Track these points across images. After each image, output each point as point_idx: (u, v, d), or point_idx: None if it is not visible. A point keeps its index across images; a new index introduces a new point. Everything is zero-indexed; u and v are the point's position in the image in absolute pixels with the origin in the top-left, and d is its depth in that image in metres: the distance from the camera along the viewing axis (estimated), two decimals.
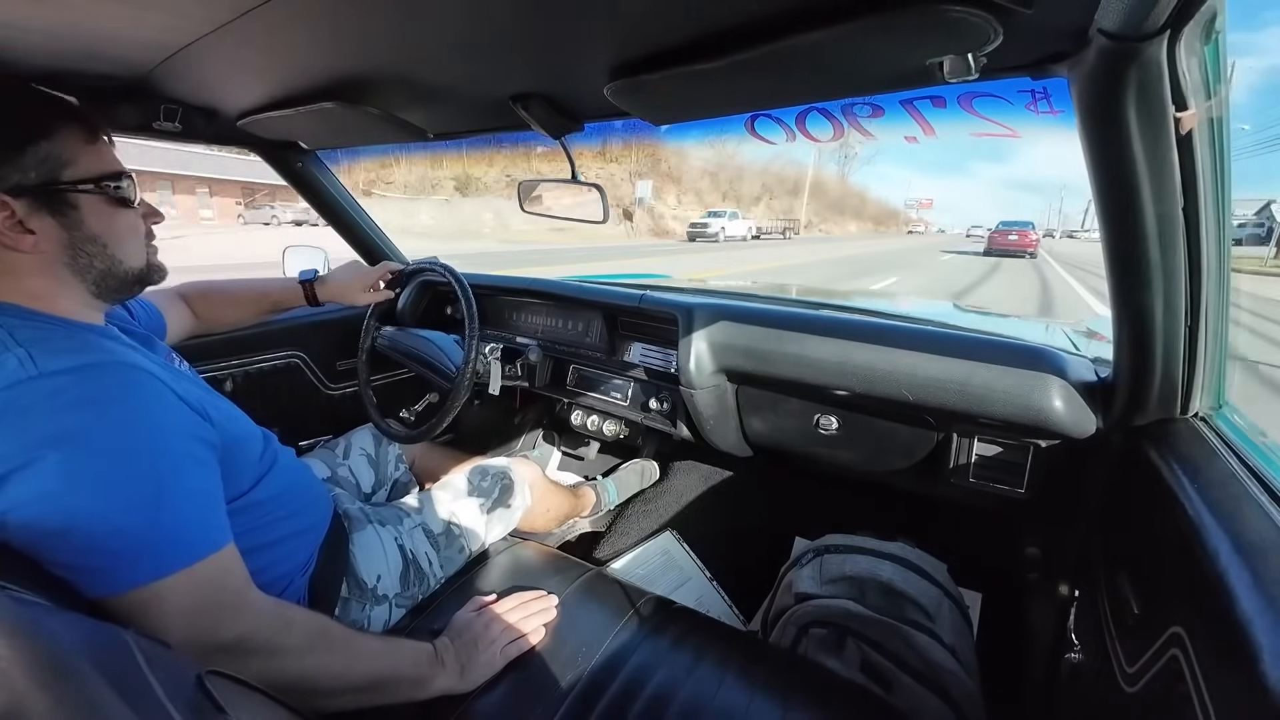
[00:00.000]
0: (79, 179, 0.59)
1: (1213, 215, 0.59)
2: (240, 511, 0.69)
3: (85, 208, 0.60)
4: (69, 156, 0.59)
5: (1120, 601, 0.63)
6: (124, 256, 0.64)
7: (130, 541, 0.52)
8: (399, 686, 0.67)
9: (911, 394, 0.98)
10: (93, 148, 0.61)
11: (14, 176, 0.55)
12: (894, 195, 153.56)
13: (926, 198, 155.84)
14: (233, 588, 0.59)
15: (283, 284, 1.16)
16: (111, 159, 0.64)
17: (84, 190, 0.59)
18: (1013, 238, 20.96)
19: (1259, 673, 0.38)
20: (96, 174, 0.61)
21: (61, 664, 0.28)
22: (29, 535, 0.49)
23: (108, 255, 0.63)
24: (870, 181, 73.70)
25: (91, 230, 0.61)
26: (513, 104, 0.85)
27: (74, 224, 0.59)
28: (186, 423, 0.60)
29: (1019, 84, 0.61)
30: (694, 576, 1.36)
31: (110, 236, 0.62)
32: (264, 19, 0.62)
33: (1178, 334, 0.66)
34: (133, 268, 0.66)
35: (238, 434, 0.70)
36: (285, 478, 0.79)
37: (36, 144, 0.56)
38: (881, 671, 0.90)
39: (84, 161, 0.60)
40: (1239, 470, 0.58)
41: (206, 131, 1.11)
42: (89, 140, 0.61)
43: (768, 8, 0.52)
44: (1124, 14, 0.44)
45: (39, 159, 0.56)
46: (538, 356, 1.43)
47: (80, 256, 0.61)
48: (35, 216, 0.57)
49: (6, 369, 0.51)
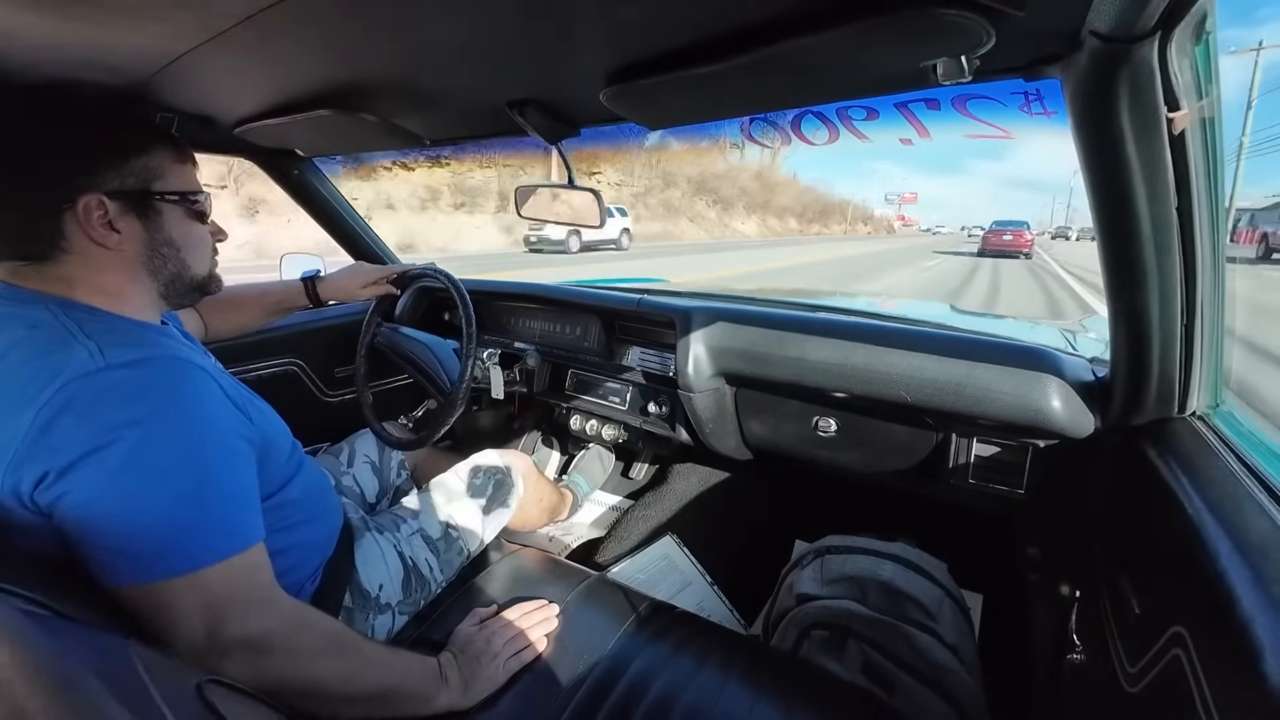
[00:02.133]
0: (166, 190, 0.67)
1: (1206, 215, 0.59)
2: (271, 511, 0.70)
3: (167, 215, 0.68)
4: (161, 171, 0.67)
5: (1121, 601, 0.63)
6: (193, 263, 0.72)
7: (175, 531, 0.55)
8: (403, 700, 0.68)
9: (910, 395, 0.98)
10: (181, 167, 0.70)
11: (114, 181, 0.63)
12: (846, 185, 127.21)
13: (910, 191, 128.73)
14: (262, 583, 0.61)
15: (284, 284, 1.18)
16: (194, 179, 0.72)
17: (169, 200, 0.68)
18: (1007, 238, 20.58)
19: (1261, 671, 0.38)
20: (181, 189, 0.69)
21: (62, 673, 0.28)
22: (81, 518, 0.52)
23: (180, 259, 0.70)
24: (806, 169, 50.24)
25: (169, 235, 0.68)
26: (509, 110, 0.86)
27: (156, 228, 0.67)
28: (232, 419, 0.64)
29: (1012, 85, 0.61)
30: (695, 581, 1.36)
31: (185, 243, 0.70)
32: (260, 27, 0.62)
33: (1174, 333, 0.66)
34: (198, 274, 0.73)
35: (272, 433, 0.73)
36: (309, 482, 0.81)
37: (137, 156, 0.65)
38: (883, 673, 0.90)
39: (172, 177, 0.68)
40: (1237, 469, 0.59)
41: (203, 140, 1.11)
42: (179, 160, 0.70)
43: (762, 12, 0.53)
44: (1115, 16, 0.44)
45: (136, 169, 0.65)
46: (536, 361, 1.43)
47: (156, 258, 0.68)
48: (124, 218, 0.64)
49: (77, 360, 0.55)
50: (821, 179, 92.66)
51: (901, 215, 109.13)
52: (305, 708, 0.59)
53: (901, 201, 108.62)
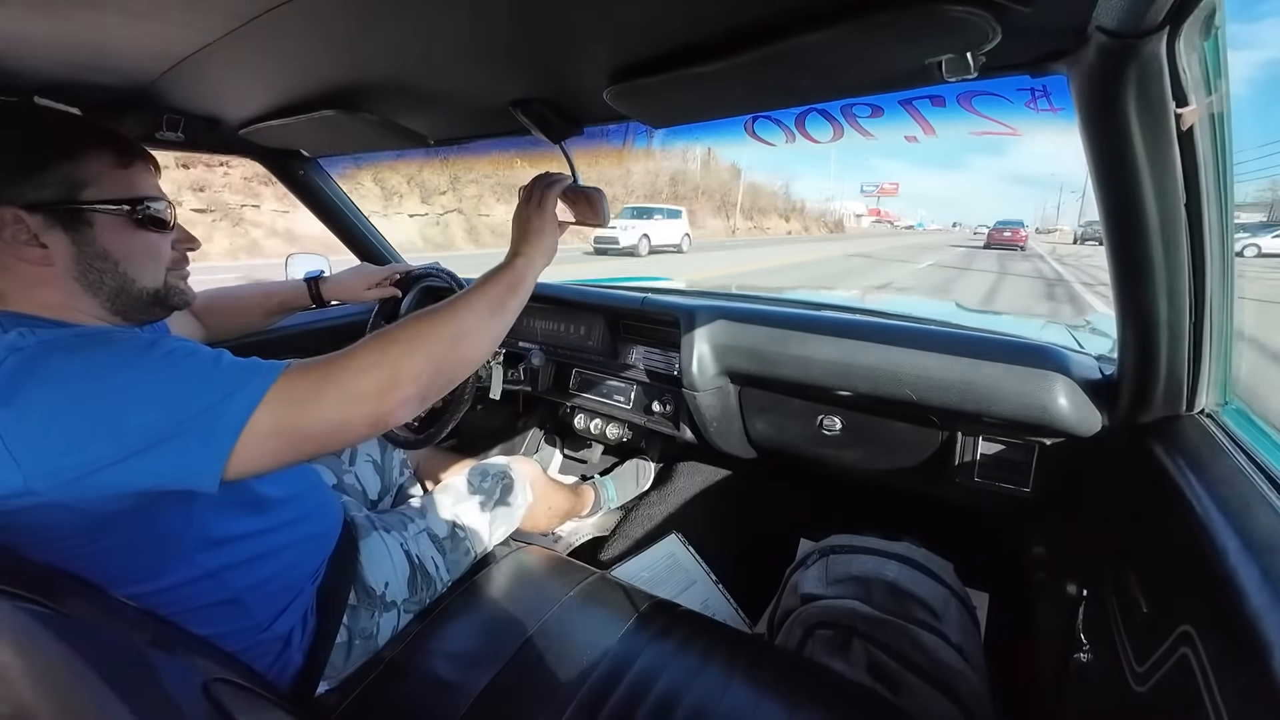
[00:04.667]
0: (98, 200, 0.61)
1: (1215, 211, 0.58)
2: (254, 511, 0.69)
3: (100, 227, 0.62)
4: (92, 178, 0.61)
5: (1129, 600, 0.63)
6: (137, 276, 0.65)
7: (201, 398, 0.51)
8: (508, 292, 0.71)
9: (915, 394, 0.97)
10: (123, 172, 0.63)
11: (30, 193, 0.58)
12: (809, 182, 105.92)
13: (890, 182, 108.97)
14: (324, 363, 0.57)
15: (288, 285, 1.17)
16: (144, 184, 0.66)
17: (101, 210, 0.61)
18: (1007, 234, 26.64)
19: (1271, 670, 0.37)
20: (120, 196, 0.63)
21: (68, 672, 0.29)
22: (132, 452, 0.49)
23: (119, 273, 0.64)
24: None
25: (103, 248, 0.62)
26: (513, 109, 0.86)
27: (86, 241, 0.61)
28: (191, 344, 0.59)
29: (1018, 82, 0.61)
30: (699, 579, 1.36)
31: (123, 255, 0.63)
32: (266, 28, 0.62)
33: (1182, 330, 0.66)
34: (147, 288, 0.66)
35: None
36: (298, 481, 0.80)
37: (59, 165, 0.59)
38: (888, 672, 0.90)
39: (109, 184, 0.62)
40: (1246, 467, 0.58)
41: (209, 141, 1.12)
42: (120, 165, 0.63)
43: (767, 10, 0.52)
44: (1123, 11, 0.44)
45: (58, 179, 0.59)
46: (540, 361, 1.43)
47: (90, 272, 0.62)
48: (49, 232, 0.59)
49: (6, 340, 0.51)
50: (782, 174, 74.38)
51: (876, 209, 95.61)
52: (473, 351, 0.66)
53: (880, 193, 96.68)
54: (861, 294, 4.37)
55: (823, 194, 54.74)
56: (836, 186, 54.99)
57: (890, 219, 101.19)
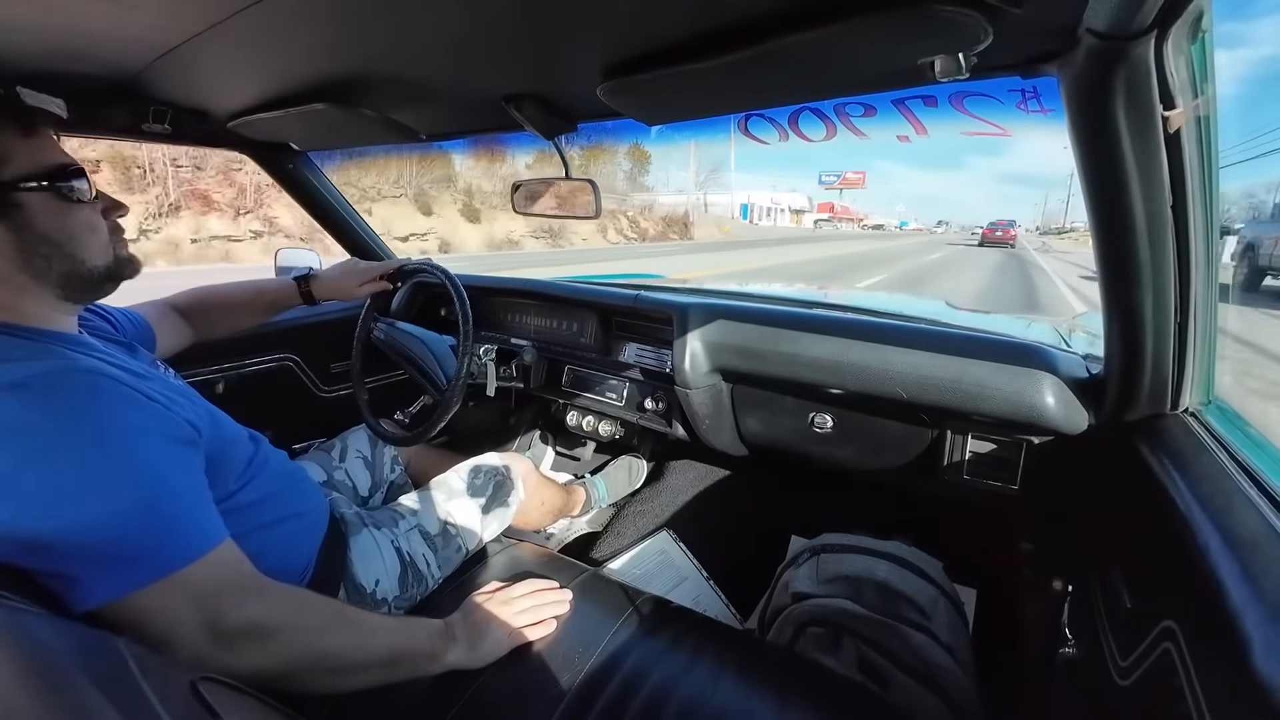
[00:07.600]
0: (18, 177, 0.55)
1: (1201, 212, 0.59)
2: (228, 514, 0.68)
3: (31, 208, 0.56)
4: (5, 154, 0.55)
5: (1113, 596, 0.64)
6: (85, 255, 0.61)
7: (124, 547, 0.52)
8: (414, 661, 0.69)
9: (905, 392, 0.98)
10: (31, 141, 0.57)
11: None
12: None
13: (855, 171, 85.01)
14: (248, 570, 0.60)
15: (278, 283, 1.15)
16: (54, 152, 0.60)
17: (26, 189, 0.56)
18: (999, 233, 28.93)
19: (1250, 665, 0.38)
20: (38, 170, 0.57)
21: (52, 672, 0.28)
22: (13, 549, 0.48)
23: (66, 255, 0.59)
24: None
25: (42, 230, 0.57)
26: (505, 104, 0.85)
27: (21, 225, 0.56)
28: (161, 423, 0.58)
29: (1009, 83, 0.61)
30: (691, 576, 1.37)
31: (65, 235, 0.59)
32: (255, 19, 0.61)
33: (1168, 330, 0.67)
34: (98, 265, 0.62)
35: (223, 436, 0.70)
36: (277, 481, 0.79)
37: None
38: (878, 670, 0.91)
39: (20, 158, 0.56)
40: (1228, 465, 0.59)
41: (196, 133, 1.11)
42: (25, 134, 0.57)
43: (760, 8, 0.52)
44: (1112, 13, 0.44)
45: None
46: (533, 357, 1.42)
47: (36, 259, 0.57)
48: None
49: None
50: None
51: (830, 205, 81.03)
52: (323, 684, 0.59)
53: (842, 184, 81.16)
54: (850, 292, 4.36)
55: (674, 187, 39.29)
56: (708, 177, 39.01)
57: (853, 216, 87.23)
